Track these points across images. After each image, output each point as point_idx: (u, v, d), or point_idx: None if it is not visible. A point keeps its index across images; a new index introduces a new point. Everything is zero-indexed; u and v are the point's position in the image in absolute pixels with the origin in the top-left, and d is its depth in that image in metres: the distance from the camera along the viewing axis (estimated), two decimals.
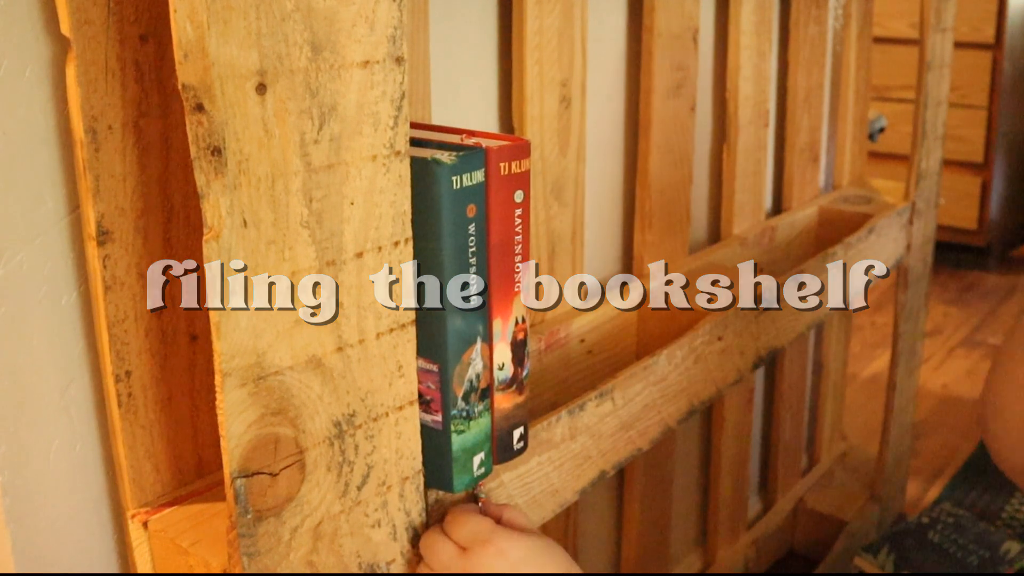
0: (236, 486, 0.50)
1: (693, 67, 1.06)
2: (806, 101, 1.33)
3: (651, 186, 1.04)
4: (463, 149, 0.60)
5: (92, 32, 0.55)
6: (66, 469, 0.61)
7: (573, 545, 1.08)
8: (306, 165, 0.50)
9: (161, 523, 0.61)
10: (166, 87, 0.59)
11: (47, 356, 0.59)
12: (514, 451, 0.68)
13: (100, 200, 0.57)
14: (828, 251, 1.12)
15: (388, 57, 0.53)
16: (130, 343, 0.60)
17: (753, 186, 1.23)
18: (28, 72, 0.56)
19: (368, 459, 0.57)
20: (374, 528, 0.59)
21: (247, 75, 0.47)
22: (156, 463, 0.63)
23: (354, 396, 0.55)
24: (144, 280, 0.60)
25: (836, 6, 1.38)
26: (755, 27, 1.17)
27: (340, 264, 0.53)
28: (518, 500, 0.72)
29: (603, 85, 1.01)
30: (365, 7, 0.51)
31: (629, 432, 0.82)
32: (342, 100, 0.51)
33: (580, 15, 0.90)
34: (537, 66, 0.86)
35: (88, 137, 0.56)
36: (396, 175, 0.55)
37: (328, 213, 0.52)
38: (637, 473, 1.14)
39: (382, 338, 0.56)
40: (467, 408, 0.62)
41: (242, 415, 0.50)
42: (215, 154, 0.46)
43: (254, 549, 0.52)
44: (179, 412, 0.64)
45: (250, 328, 0.49)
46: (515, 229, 0.63)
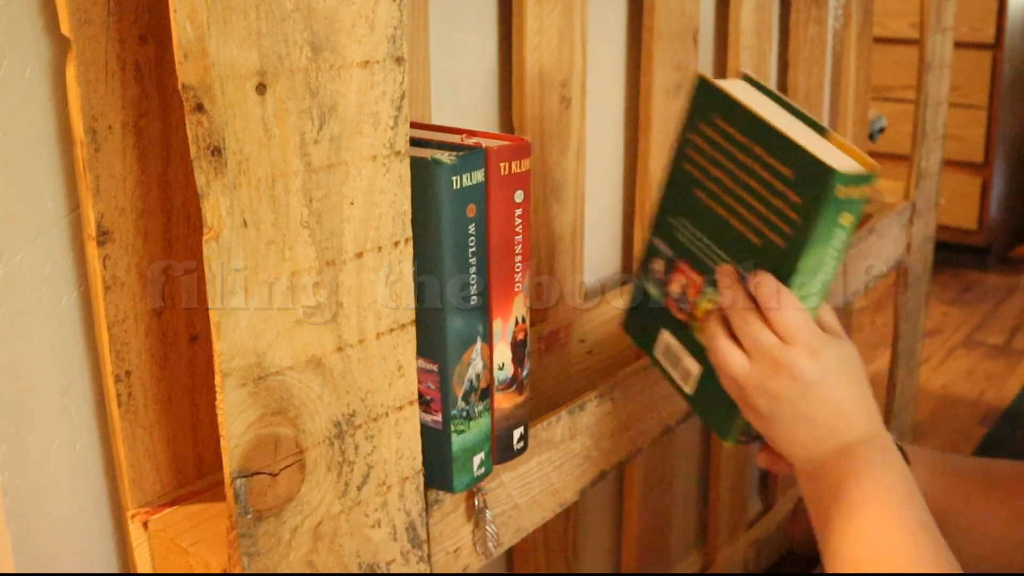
0: (236, 486, 0.50)
1: (693, 67, 1.06)
2: (806, 101, 1.33)
3: (651, 186, 1.04)
4: (463, 149, 0.60)
5: (92, 32, 0.55)
6: (66, 469, 0.61)
7: (573, 545, 1.08)
8: (306, 165, 0.50)
9: (161, 523, 0.61)
10: (166, 87, 0.59)
11: (47, 356, 0.59)
12: (514, 451, 0.68)
13: (100, 200, 0.57)
14: None
15: (388, 57, 0.53)
16: (130, 343, 0.60)
17: None
18: (28, 72, 0.56)
19: (368, 459, 0.57)
20: (374, 528, 0.59)
21: (247, 75, 0.47)
22: (156, 463, 0.63)
23: (354, 396, 0.55)
24: (144, 280, 0.60)
25: (836, 6, 1.38)
26: (755, 27, 1.17)
27: (340, 264, 0.53)
28: (518, 500, 0.72)
29: (603, 85, 1.01)
30: (365, 7, 0.51)
31: (629, 432, 0.82)
32: (342, 100, 0.51)
33: (580, 15, 0.90)
34: (537, 66, 0.86)
35: (88, 137, 0.56)
36: (396, 175, 0.55)
37: (328, 213, 0.52)
38: (637, 473, 1.14)
39: (382, 338, 0.56)
40: (467, 408, 0.62)
41: (242, 415, 0.50)
42: (215, 154, 0.46)
43: (254, 549, 0.52)
44: (179, 412, 0.64)
45: (250, 328, 0.49)
46: (515, 229, 0.63)
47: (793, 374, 0.63)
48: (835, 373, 0.64)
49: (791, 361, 0.63)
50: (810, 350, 0.63)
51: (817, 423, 0.64)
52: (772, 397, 0.64)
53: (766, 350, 0.64)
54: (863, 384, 0.66)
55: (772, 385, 0.63)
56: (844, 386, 0.64)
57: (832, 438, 0.64)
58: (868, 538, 0.60)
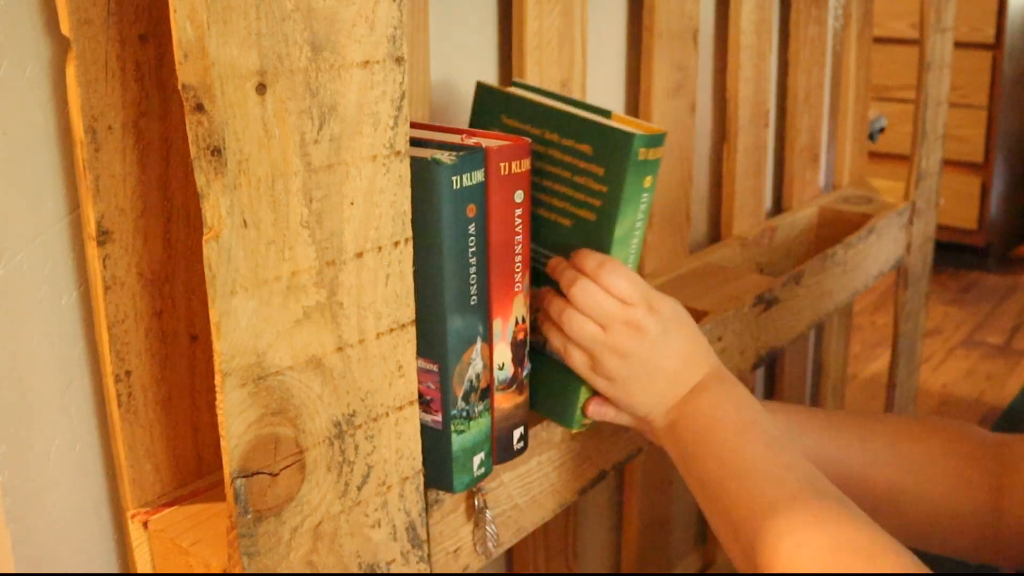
0: (236, 486, 0.50)
1: (693, 67, 1.07)
2: (806, 101, 1.33)
3: None
4: (463, 149, 0.60)
5: (92, 32, 0.55)
6: (66, 469, 0.61)
7: (573, 545, 1.08)
8: (306, 165, 0.50)
9: (161, 523, 0.61)
10: (166, 87, 0.59)
11: (47, 356, 0.59)
12: (514, 451, 0.68)
13: (100, 200, 0.57)
14: (828, 251, 1.12)
15: (388, 57, 0.53)
16: (130, 343, 0.60)
17: (753, 186, 1.23)
18: (28, 72, 0.56)
19: (368, 459, 0.57)
20: (374, 528, 0.59)
21: (247, 75, 0.47)
22: (156, 463, 0.63)
23: (354, 396, 0.55)
24: (144, 280, 0.60)
25: (836, 6, 1.38)
26: (755, 27, 1.17)
27: (340, 264, 0.53)
28: (518, 500, 0.72)
29: (603, 85, 1.01)
30: (365, 7, 0.51)
31: (629, 432, 0.82)
32: (342, 100, 0.51)
33: (580, 15, 0.90)
34: (537, 66, 0.86)
35: (88, 137, 0.56)
36: (396, 175, 0.55)
37: (328, 213, 0.52)
38: (637, 473, 1.14)
39: (382, 338, 0.56)
40: (467, 408, 0.62)
41: (242, 415, 0.50)
42: (215, 154, 0.46)
43: (254, 549, 0.52)
44: (179, 412, 0.64)
45: (250, 328, 0.49)
46: (515, 229, 0.63)
47: (641, 330, 0.67)
48: (674, 324, 0.69)
49: (637, 319, 0.67)
50: (649, 307, 0.68)
51: (668, 373, 0.68)
52: (624, 356, 0.68)
53: (611, 314, 0.67)
54: (696, 328, 0.71)
55: (624, 344, 0.67)
56: (684, 333, 0.69)
57: (684, 382, 0.69)
58: (727, 456, 0.64)
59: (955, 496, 0.72)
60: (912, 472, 0.73)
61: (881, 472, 0.74)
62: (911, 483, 0.73)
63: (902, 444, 0.75)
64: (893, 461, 0.74)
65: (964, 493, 0.72)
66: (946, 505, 0.72)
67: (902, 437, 0.75)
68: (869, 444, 0.75)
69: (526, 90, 0.73)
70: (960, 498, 0.72)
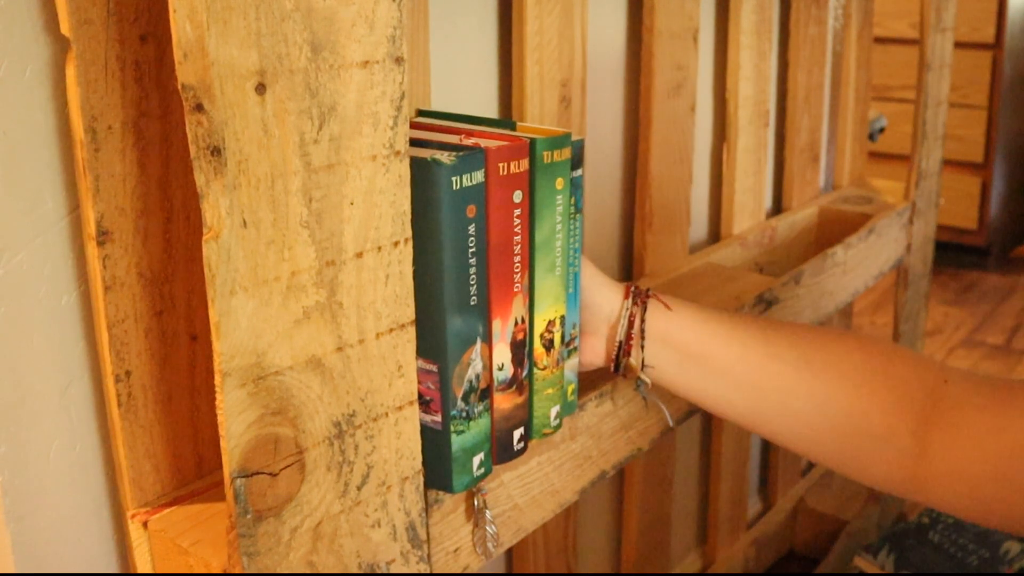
0: (236, 486, 0.50)
1: (693, 67, 1.07)
2: (806, 101, 1.33)
3: (651, 186, 1.04)
4: (463, 149, 0.60)
5: (92, 32, 0.55)
6: (66, 469, 0.61)
7: (573, 545, 1.08)
8: (306, 165, 0.50)
9: (161, 523, 0.61)
10: (166, 87, 0.59)
11: (47, 356, 0.59)
12: (514, 451, 0.68)
13: (100, 200, 0.57)
14: (828, 251, 1.12)
15: (388, 57, 0.53)
16: (130, 343, 0.60)
17: (753, 186, 1.23)
18: (28, 72, 0.56)
19: (368, 459, 0.57)
20: (374, 528, 0.59)
21: (247, 75, 0.47)
22: (156, 463, 0.63)
23: (354, 396, 0.55)
24: (144, 280, 0.60)
25: (836, 6, 1.38)
26: (755, 27, 1.17)
27: (340, 264, 0.53)
28: (518, 500, 0.72)
29: (603, 85, 1.01)
30: (365, 7, 0.51)
31: (629, 432, 0.82)
32: (342, 100, 0.51)
33: (580, 15, 0.90)
34: (537, 66, 0.86)
35: (88, 137, 0.56)
36: (396, 175, 0.55)
37: (328, 213, 0.52)
38: (637, 473, 1.14)
39: (382, 338, 0.56)
40: (467, 408, 0.62)
41: (242, 415, 0.50)
42: (215, 154, 0.46)
43: (254, 549, 0.52)
44: (179, 412, 0.64)
45: (250, 328, 0.49)
46: (515, 229, 0.63)
47: None
48: None
49: None
50: None
51: None
52: None
53: None
54: None
55: None
56: None
57: None
58: None
59: (880, 415, 0.70)
60: (840, 382, 0.72)
61: (817, 377, 0.73)
62: (840, 394, 0.72)
63: (837, 353, 0.73)
64: (827, 370, 0.73)
65: (892, 417, 0.70)
66: (868, 421, 0.70)
67: (840, 348, 0.74)
68: (807, 354, 0.74)
69: (430, 117, 0.73)
70: (885, 422, 0.70)
